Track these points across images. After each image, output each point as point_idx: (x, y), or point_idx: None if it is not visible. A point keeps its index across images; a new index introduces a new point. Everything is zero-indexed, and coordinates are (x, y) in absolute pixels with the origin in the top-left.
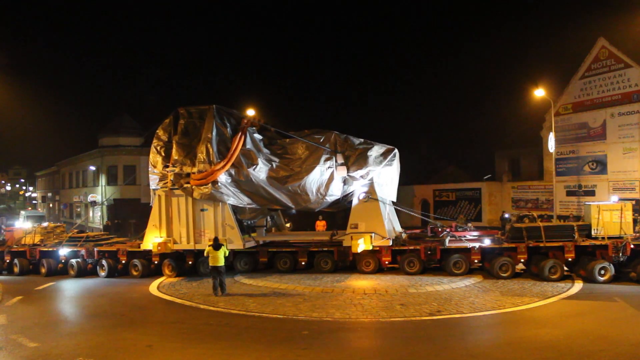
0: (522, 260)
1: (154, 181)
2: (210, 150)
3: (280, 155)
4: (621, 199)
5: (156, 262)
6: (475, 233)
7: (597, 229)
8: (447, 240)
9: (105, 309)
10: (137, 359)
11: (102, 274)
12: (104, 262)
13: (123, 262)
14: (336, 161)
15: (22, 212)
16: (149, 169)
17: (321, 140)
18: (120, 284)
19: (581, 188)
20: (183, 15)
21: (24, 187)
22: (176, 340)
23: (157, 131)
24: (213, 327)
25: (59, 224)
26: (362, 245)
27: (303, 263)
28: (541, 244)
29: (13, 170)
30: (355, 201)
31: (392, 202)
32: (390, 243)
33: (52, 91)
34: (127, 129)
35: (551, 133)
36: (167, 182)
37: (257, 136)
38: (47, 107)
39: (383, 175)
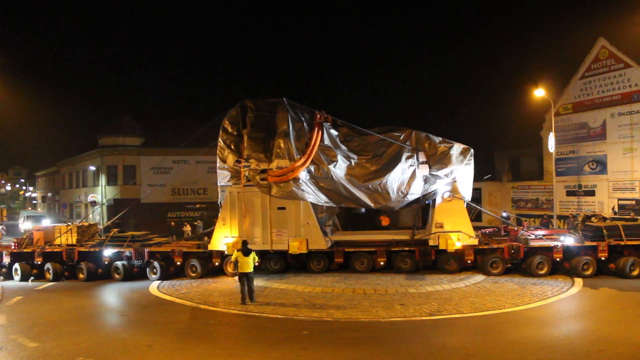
0: (604, 258)
1: (224, 177)
2: (290, 145)
3: (359, 152)
4: (621, 199)
5: (217, 263)
6: (542, 232)
7: None
8: (530, 239)
9: (105, 309)
10: (137, 359)
11: (154, 276)
12: (155, 264)
13: (178, 263)
14: (417, 159)
15: (22, 212)
16: (217, 165)
17: (401, 138)
18: (121, 284)
19: (581, 188)
20: (183, 15)
21: (24, 187)
22: (176, 340)
23: (223, 124)
24: (213, 327)
25: (92, 222)
26: (457, 243)
27: (382, 263)
28: (621, 242)
29: (13, 170)
30: (438, 200)
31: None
32: (477, 242)
33: (52, 91)
34: (127, 129)
35: (551, 133)
36: (240, 179)
37: (333, 132)
38: (47, 107)
39: (463, 174)
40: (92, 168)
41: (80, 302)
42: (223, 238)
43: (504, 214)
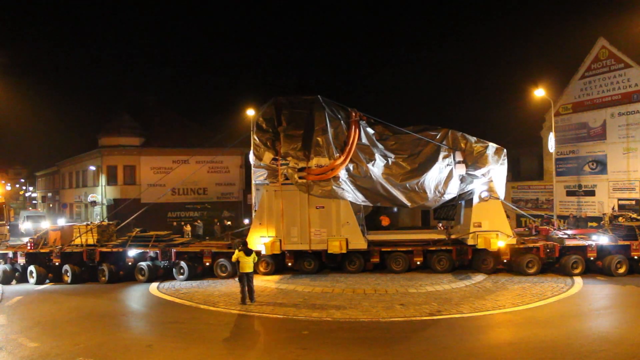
0: (637, 257)
1: (260, 176)
2: (329, 143)
3: (395, 151)
4: (621, 199)
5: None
6: (570, 232)
7: None
8: (564, 238)
9: (105, 309)
10: (137, 359)
11: (181, 277)
12: (183, 264)
13: (207, 264)
14: (454, 159)
15: (22, 212)
16: (253, 162)
17: (437, 137)
18: (121, 284)
19: (581, 188)
20: (184, 15)
21: (24, 187)
22: (176, 340)
23: (257, 121)
24: (213, 327)
25: (111, 222)
26: (500, 243)
27: (418, 262)
28: None
29: (13, 170)
30: (475, 200)
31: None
32: (516, 241)
33: (52, 91)
34: (127, 129)
35: (551, 133)
36: (277, 177)
37: (370, 130)
38: (47, 106)
39: (498, 174)
40: (92, 168)
41: (80, 302)
42: (259, 238)
43: None
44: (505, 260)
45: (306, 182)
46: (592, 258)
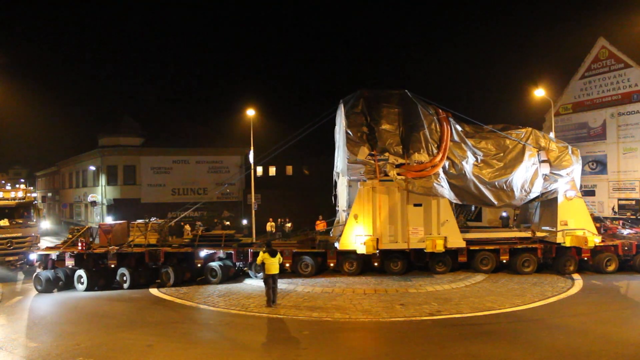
0: None
1: (355, 171)
2: (428, 139)
3: (481, 149)
4: (621, 199)
5: (332, 265)
6: (629, 230)
7: None
8: None
9: (105, 309)
10: (137, 359)
11: (259, 275)
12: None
13: (287, 265)
14: (539, 158)
15: None
16: (347, 157)
17: (522, 136)
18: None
19: (581, 188)
20: (184, 15)
21: (24, 187)
22: (176, 340)
23: (347, 115)
24: (213, 327)
25: (167, 219)
26: (596, 239)
27: (504, 261)
28: None
29: (13, 170)
30: (560, 199)
31: None
32: (601, 240)
33: (52, 91)
34: (127, 129)
35: (551, 133)
36: (374, 173)
37: (458, 127)
38: (47, 107)
39: (578, 173)
40: (92, 168)
41: (81, 302)
42: (356, 236)
43: (504, 214)
44: (585, 258)
45: (405, 179)
46: None
